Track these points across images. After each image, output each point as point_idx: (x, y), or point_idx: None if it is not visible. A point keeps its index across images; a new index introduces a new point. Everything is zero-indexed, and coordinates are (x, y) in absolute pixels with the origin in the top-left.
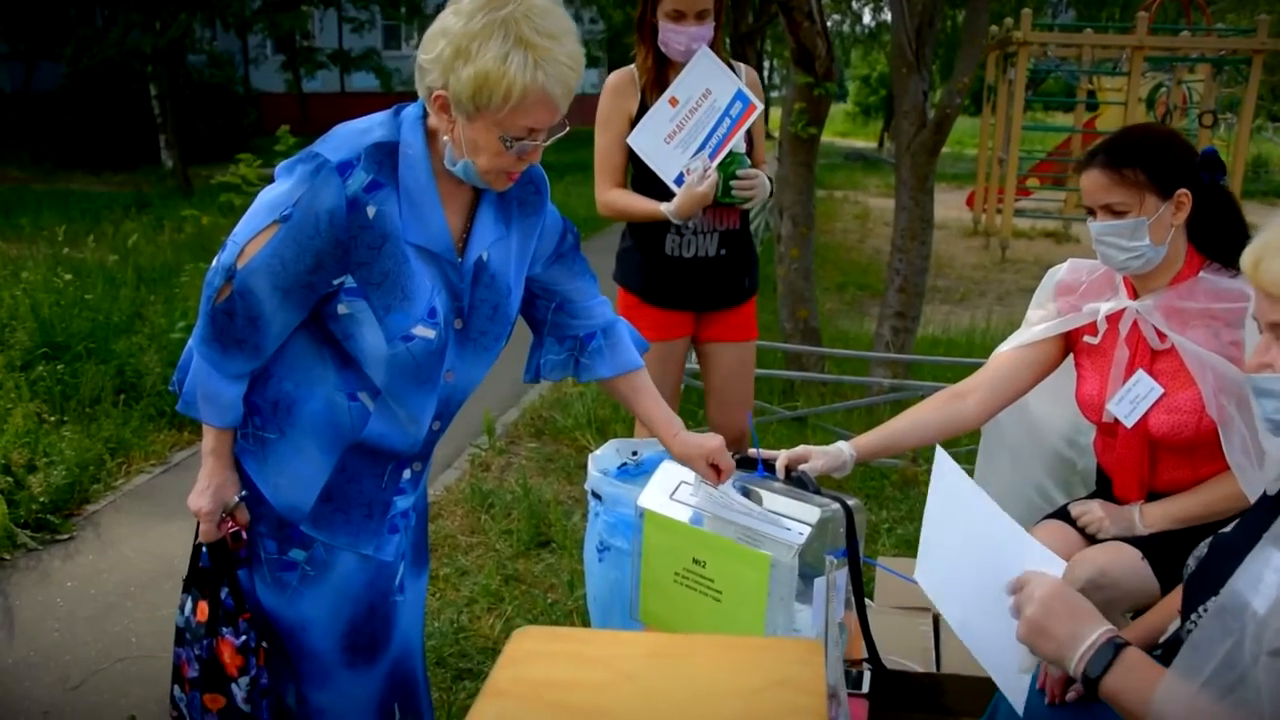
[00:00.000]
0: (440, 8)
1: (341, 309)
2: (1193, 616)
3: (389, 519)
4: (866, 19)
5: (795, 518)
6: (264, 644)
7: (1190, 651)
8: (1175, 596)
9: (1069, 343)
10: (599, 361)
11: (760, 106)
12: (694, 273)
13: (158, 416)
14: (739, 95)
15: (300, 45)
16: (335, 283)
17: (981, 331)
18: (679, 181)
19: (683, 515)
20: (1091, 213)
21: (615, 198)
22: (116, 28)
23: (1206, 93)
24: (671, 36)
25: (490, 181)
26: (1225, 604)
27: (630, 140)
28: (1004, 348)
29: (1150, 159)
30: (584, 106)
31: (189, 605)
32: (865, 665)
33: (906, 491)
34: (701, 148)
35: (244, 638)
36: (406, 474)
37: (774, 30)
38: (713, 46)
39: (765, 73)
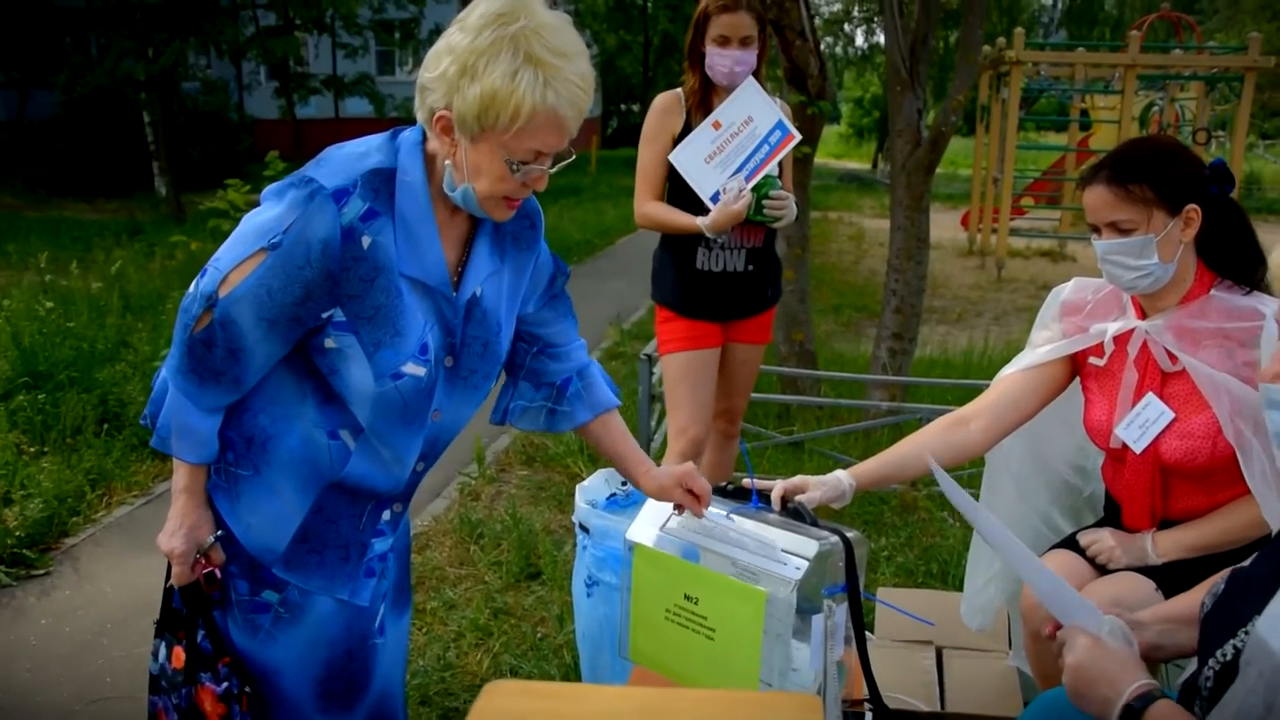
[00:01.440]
0: (435, 32)
1: (329, 343)
2: (1210, 662)
3: (366, 562)
4: (859, 41)
5: (792, 551)
6: (247, 689)
7: (1218, 712)
8: (1197, 593)
9: (1075, 365)
10: (578, 406)
11: (798, 136)
12: (723, 286)
13: (140, 446)
14: (779, 125)
15: (294, 71)
16: (324, 315)
17: (979, 352)
18: (714, 199)
19: (673, 549)
20: (1096, 230)
21: (654, 210)
22: (110, 55)
23: (1199, 110)
24: (717, 60)
25: (489, 210)
26: (1250, 657)
27: (672, 157)
28: (1008, 370)
29: (1157, 174)
30: (580, 131)
31: (163, 651)
32: (867, 706)
33: (906, 518)
34: (739, 170)
35: (225, 684)
36: (386, 515)
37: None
38: (756, 72)
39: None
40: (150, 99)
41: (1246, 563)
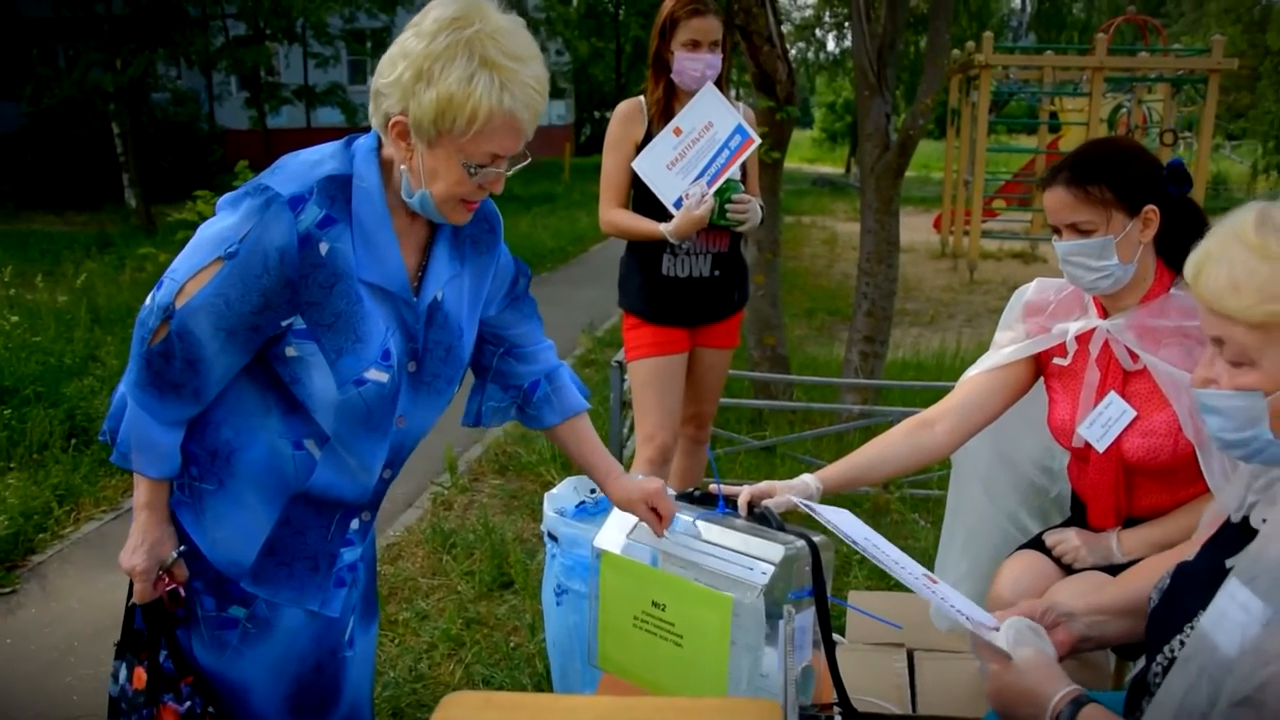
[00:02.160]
0: None
1: (290, 351)
2: (1159, 658)
3: (335, 572)
4: (830, 46)
5: (759, 556)
6: (210, 709)
7: (1157, 709)
8: (1127, 582)
9: (1039, 365)
10: (546, 410)
11: (758, 140)
12: (689, 291)
13: (109, 461)
14: (739, 129)
15: (265, 81)
16: (283, 324)
17: (952, 354)
18: (678, 205)
19: (641, 556)
20: (1057, 231)
21: (618, 217)
22: (78, 67)
23: (1166, 112)
24: (688, 65)
25: (447, 214)
26: (1191, 652)
27: (635, 164)
28: (972, 371)
29: (1116, 175)
30: (549, 138)
31: (124, 673)
32: (835, 709)
33: (879, 520)
34: (701, 175)
35: (188, 703)
36: (355, 524)
37: (735, 56)
38: (721, 76)
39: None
40: (119, 110)
41: (1192, 557)
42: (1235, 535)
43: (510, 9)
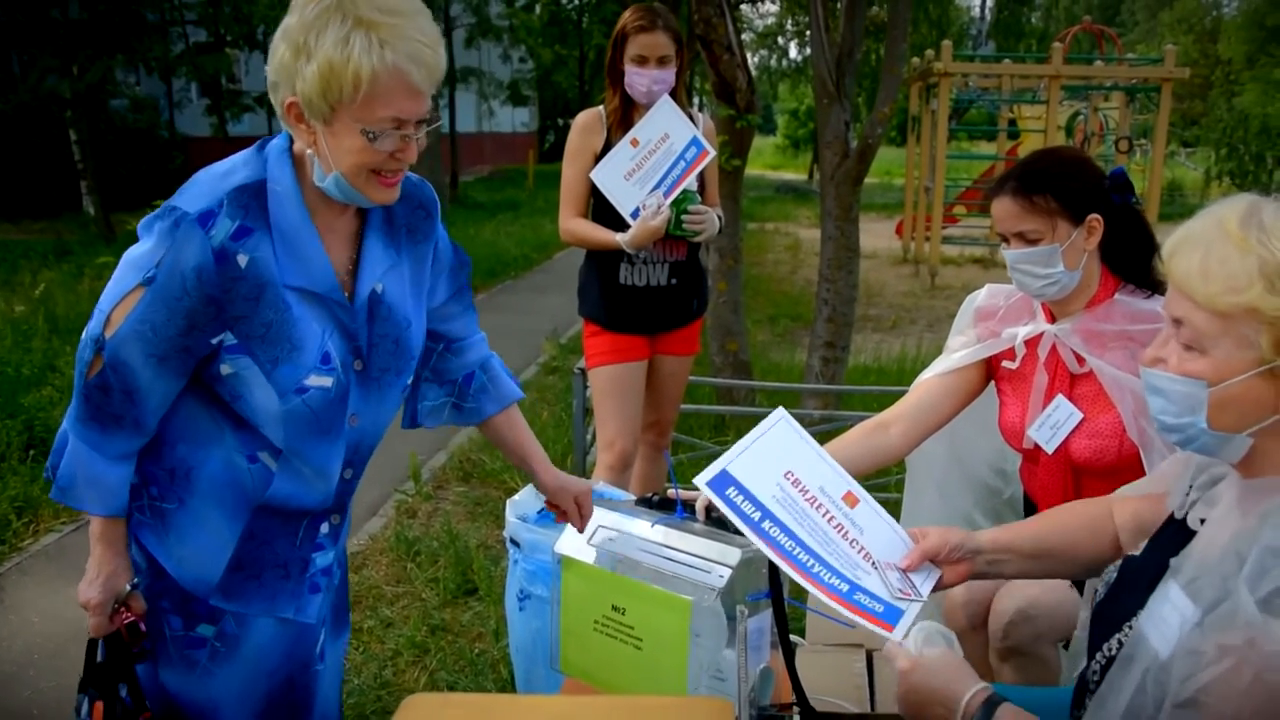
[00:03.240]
0: None
1: (225, 369)
2: (1099, 655)
3: (308, 578)
4: (793, 53)
5: (717, 560)
6: None
7: (1100, 708)
8: (1032, 524)
9: (990, 369)
10: (485, 400)
11: (713, 152)
12: (647, 300)
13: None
14: (694, 141)
15: (226, 88)
16: (213, 341)
17: (912, 359)
18: (635, 215)
19: (602, 561)
20: (1005, 240)
21: (577, 226)
22: (33, 73)
23: (1121, 120)
24: (636, 79)
25: (365, 191)
26: (1130, 652)
27: (593, 175)
28: (925, 375)
29: (1060, 185)
30: (513, 145)
31: (85, 707)
32: (794, 709)
33: None
34: (657, 186)
35: None
36: (324, 528)
37: (697, 65)
38: (675, 90)
39: (693, 106)
40: (77, 117)
41: (1139, 550)
42: (1177, 534)
43: (473, 15)
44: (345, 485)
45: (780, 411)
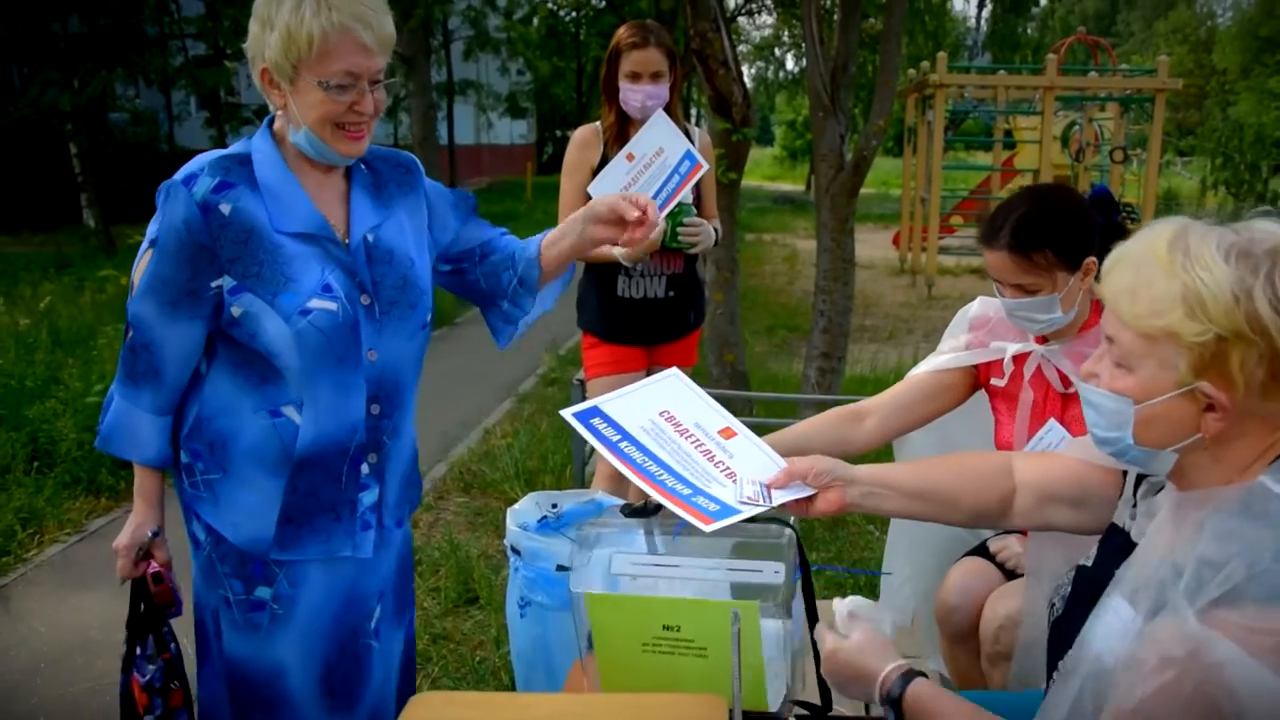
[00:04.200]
0: None
1: (235, 311)
2: (1055, 674)
3: (359, 516)
4: (789, 65)
5: (759, 556)
6: (173, 685)
7: (1042, 715)
8: (915, 467)
9: (977, 381)
10: (524, 260)
11: (706, 166)
12: (644, 312)
13: (73, 484)
14: (688, 155)
15: (225, 101)
16: (214, 285)
17: (909, 368)
18: None
19: (636, 588)
20: (1000, 286)
21: None
22: (34, 86)
23: (1116, 130)
24: (630, 95)
25: (333, 144)
26: (1073, 664)
27: (590, 189)
28: (916, 370)
29: (1057, 239)
30: (512, 157)
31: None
32: (791, 708)
33: (836, 532)
34: (654, 198)
35: (147, 677)
36: (364, 469)
37: (694, 77)
38: (669, 105)
39: (689, 120)
40: (77, 130)
41: (1089, 560)
42: (1124, 545)
43: (471, 28)
44: (375, 421)
45: (673, 370)
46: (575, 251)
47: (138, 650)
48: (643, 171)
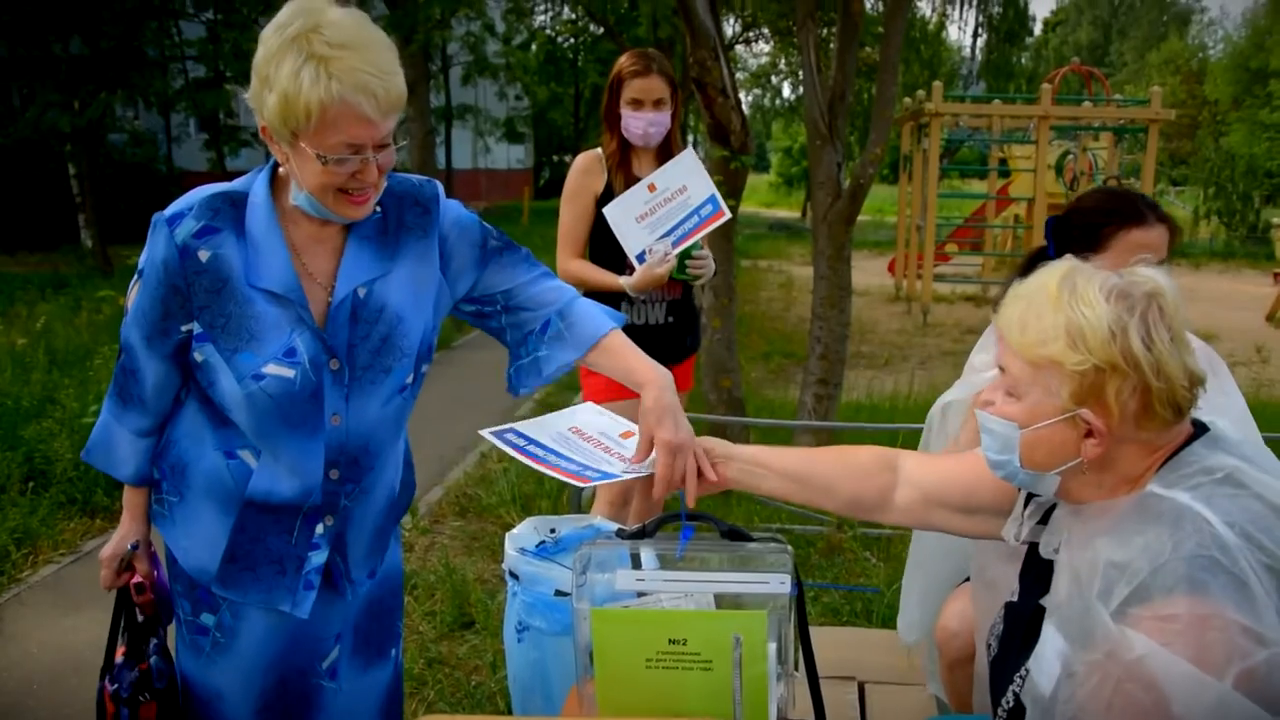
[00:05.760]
0: None
1: (197, 356)
2: (999, 711)
3: (304, 575)
4: (786, 93)
5: (764, 569)
6: (142, 697)
7: None
8: (788, 454)
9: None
10: (558, 348)
11: (728, 214)
12: (644, 338)
13: (68, 504)
14: (712, 199)
15: (224, 124)
16: (184, 329)
17: (905, 396)
18: (640, 258)
19: (641, 603)
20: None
21: (578, 268)
22: (34, 107)
23: (1110, 159)
24: (632, 122)
25: (335, 209)
26: (1026, 700)
27: (606, 210)
28: (950, 397)
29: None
30: (509, 181)
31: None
32: None
33: (832, 559)
34: (667, 234)
35: (115, 685)
36: (319, 529)
37: (692, 104)
38: (670, 133)
39: (686, 146)
40: (76, 151)
41: (1015, 596)
42: (1039, 567)
43: (470, 53)
44: (333, 485)
45: (589, 404)
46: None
47: (119, 660)
48: (662, 205)
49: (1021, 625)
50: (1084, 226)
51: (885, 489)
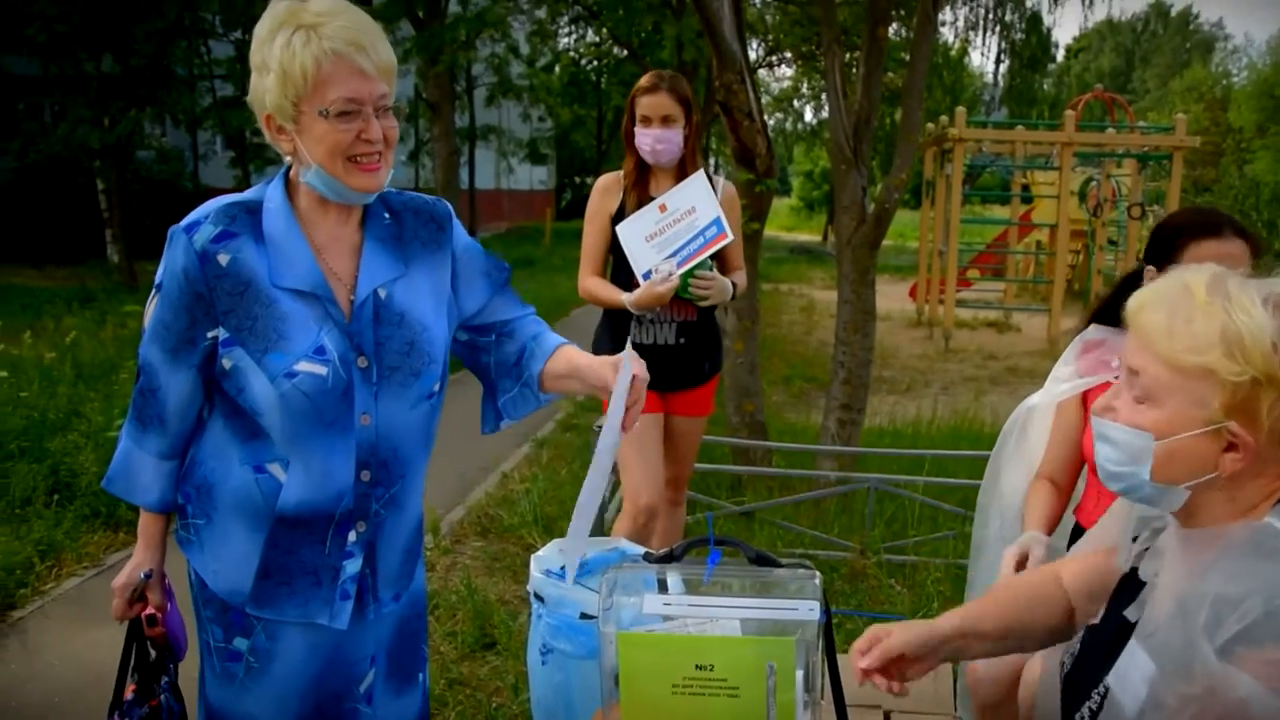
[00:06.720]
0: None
1: (225, 363)
2: None
3: (340, 585)
4: (808, 116)
5: (793, 595)
6: None
7: None
8: (985, 602)
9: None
10: (534, 363)
11: (731, 236)
12: (655, 358)
13: (92, 517)
14: (716, 222)
15: (250, 142)
16: (209, 335)
17: (927, 422)
18: (647, 276)
19: (669, 627)
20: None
21: (592, 285)
22: (65, 124)
23: (1134, 186)
24: (640, 139)
25: (346, 180)
26: (1105, 717)
27: (619, 228)
28: (1035, 400)
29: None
30: (531, 202)
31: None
32: None
33: (856, 585)
34: (674, 254)
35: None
36: (351, 536)
37: (717, 128)
38: (685, 154)
39: (710, 168)
40: (105, 167)
41: (1097, 619)
42: (1130, 586)
43: (495, 75)
44: (364, 489)
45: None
46: (579, 391)
47: (128, 697)
48: (671, 225)
49: (1103, 643)
50: (1164, 239)
51: (1067, 606)
